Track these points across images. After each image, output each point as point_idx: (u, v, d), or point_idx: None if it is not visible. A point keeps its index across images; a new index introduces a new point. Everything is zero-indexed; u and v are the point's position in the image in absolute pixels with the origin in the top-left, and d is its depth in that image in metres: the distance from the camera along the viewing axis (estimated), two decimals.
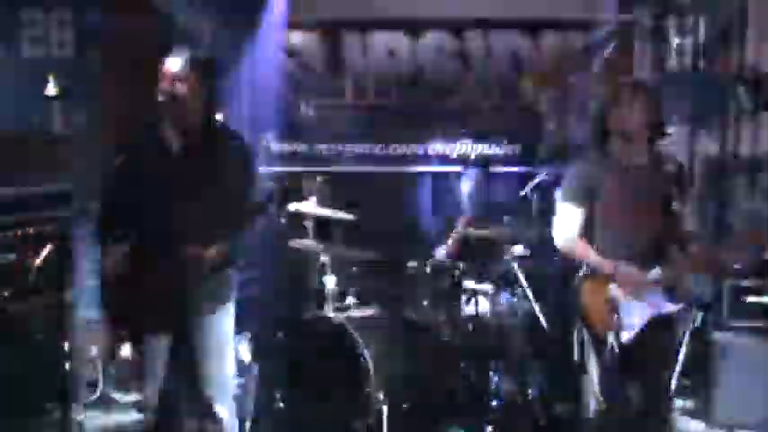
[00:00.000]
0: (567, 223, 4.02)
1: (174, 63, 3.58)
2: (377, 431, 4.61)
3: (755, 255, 5.00)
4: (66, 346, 4.61)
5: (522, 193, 5.99)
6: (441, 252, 5.40)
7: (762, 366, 5.10)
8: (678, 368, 4.96)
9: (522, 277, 5.03)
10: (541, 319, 5.05)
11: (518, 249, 5.20)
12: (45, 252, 4.63)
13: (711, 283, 5.36)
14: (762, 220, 5.69)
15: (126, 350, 5.36)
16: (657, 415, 4.03)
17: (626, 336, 3.81)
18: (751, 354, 5.16)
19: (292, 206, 4.95)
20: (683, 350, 5.06)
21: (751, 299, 5.24)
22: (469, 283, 5.11)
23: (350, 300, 5.26)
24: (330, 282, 5.21)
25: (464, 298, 5.07)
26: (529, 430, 4.75)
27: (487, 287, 5.13)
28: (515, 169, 6.46)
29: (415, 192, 6.26)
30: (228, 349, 3.86)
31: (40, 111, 6.04)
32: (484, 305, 5.08)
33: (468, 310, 5.04)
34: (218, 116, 3.83)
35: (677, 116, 5.76)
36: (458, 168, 5.81)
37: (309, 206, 5.19)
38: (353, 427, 4.73)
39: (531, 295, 5.06)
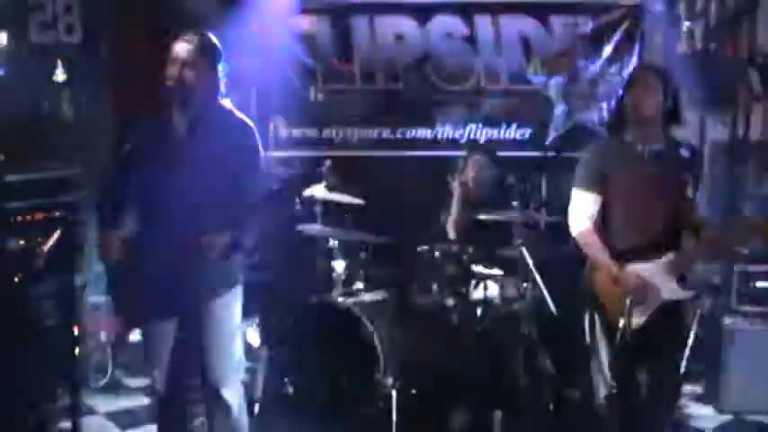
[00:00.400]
0: (581, 210, 3.99)
1: (182, 48, 3.58)
2: (386, 416, 4.62)
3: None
4: (76, 331, 4.63)
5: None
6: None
7: None
8: (687, 353, 4.96)
9: (530, 262, 5.02)
10: (550, 303, 5.05)
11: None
12: (54, 237, 4.65)
13: (721, 269, 5.35)
14: None
15: (135, 335, 5.38)
16: (666, 400, 4.03)
17: (637, 320, 3.80)
18: (759, 339, 5.16)
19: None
20: (692, 335, 5.06)
21: (760, 284, 5.23)
22: (478, 268, 5.10)
23: (359, 284, 5.27)
24: (339, 266, 5.22)
25: (473, 282, 5.07)
26: (538, 415, 4.75)
27: (497, 272, 5.13)
28: (524, 154, 6.44)
29: (424, 177, 6.24)
30: (236, 333, 3.87)
31: (49, 96, 6.06)
32: (493, 290, 5.07)
33: (477, 294, 5.04)
34: (226, 101, 3.82)
35: (687, 101, 5.73)
36: (467, 153, 5.81)
37: (319, 191, 5.19)
38: (362, 412, 4.74)
39: (539, 280, 5.05)
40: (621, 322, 3.73)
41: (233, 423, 3.83)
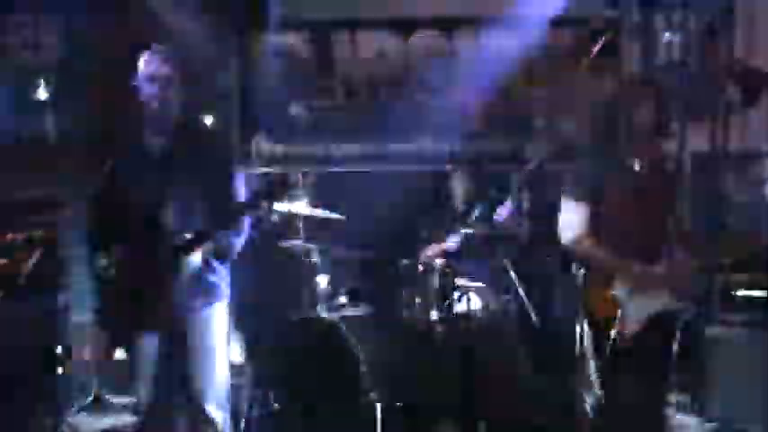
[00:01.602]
0: (572, 219, 3.99)
1: (157, 65, 3.58)
2: (371, 430, 4.62)
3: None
4: (59, 349, 4.61)
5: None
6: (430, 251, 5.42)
7: (753, 359, 5.12)
8: (672, 363, 4.97)
9: (513, 274, 5.04)
10: (533, 315, 5.06)
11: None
12: (36, 256, 4.64)
13: (702, 278, 5.37)
14: (753, 214, 5.71)
15: (119, 352, 5.36)
16: (655, 409, 4.04)
17: (628, 330, 3.81)
18: (743, 347, 5.18)
19: (284, 206, 4.96)
20: (677, 345, 5.07)
21: (741, 292, 5.25)
22: (462, 281, 5.11)
23: (342, 299, 5.27)
24: (322, 281, 5.22)
25: (456, 295, 5.08)
26: (523, 427, 4.75)
27: (480, 284, 5.14)
28: (506, 168, 6.45)
29: (407, 191, 6.24)
30: (220, 349, 3.86)
31: (30, 115, 6.05)
32: (476, 302, 5.08)
33: (461, 307, 5.05)
34: (207, 118, 3.84)
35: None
36: (449, 167, 5.83)
37: (300, 206, 5.19)
38: (347, 427, 4.74)
39: (522, 292, 5.07)
40: (612, 332, 3.75)
41: None
